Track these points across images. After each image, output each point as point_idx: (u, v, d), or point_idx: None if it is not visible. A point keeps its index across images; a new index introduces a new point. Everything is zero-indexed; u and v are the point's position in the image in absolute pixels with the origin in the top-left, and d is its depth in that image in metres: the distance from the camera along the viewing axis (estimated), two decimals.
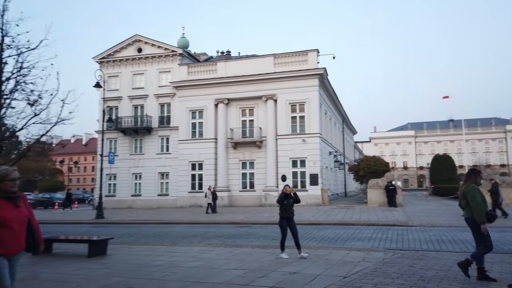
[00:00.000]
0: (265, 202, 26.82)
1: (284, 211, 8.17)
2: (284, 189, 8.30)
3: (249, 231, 13.86)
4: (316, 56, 26.78)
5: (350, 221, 16.07)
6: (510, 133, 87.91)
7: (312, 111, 26.73)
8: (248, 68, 28.04)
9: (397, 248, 9.35)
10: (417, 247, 9.63)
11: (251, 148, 28.13)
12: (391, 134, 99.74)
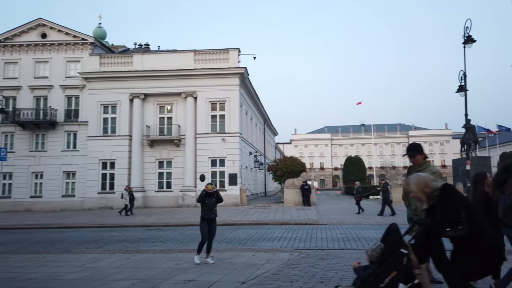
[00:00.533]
0: (182, 202, 25.84)
1: (205, 211, 7.53)
2: (205, 187, 7.67)
3: (157, 234, 12.96)
4: (237, 55, 26.57)
5: (265, 221, 16.02)
6: (412, 138, 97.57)
7: (233, 110, 26.47)
8: (167, 63, 26.81)
9: (304, 248, 9.32)
10: (323, 246, 9.72)
11: (169, 147, 26.93)
12: (309, 136, 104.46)
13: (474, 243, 3.21)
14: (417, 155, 4.30)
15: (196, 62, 26.77)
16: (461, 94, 16.59)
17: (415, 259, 3.34)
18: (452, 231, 3.23)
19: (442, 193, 3.36)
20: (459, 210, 3.22)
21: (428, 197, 3.44)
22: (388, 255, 3.41)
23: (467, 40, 15.57)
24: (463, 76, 16.27)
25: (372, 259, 3.58)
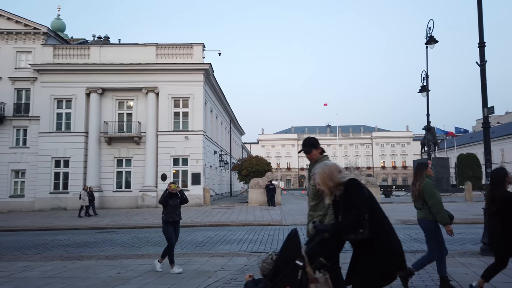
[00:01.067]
0: (142, 203, 24.66)
1: (168, 213, 6.73)
2: (168, 187, 6.83)
3: (108, 238, 11.99)
4: (201, 51, 25.72)
5: (227, 222, 15.37)
6: (375, 140, 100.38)
7: (196, 107, 25.59)
8: (127, 56, 25.51)
9: (264, 251, 8.78)
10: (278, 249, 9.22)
11: (128, 144, 25.64)
12: (277, 136, 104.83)
13: (374, 247, 2.87)
14: (312, 150, 3.84)
15: (158, 56, 25.66)
16: (423, 94, 16.74)
17: (311, 272, 2.77)
18: (353, 234, 2.88)
19: (346, 190, 2.94)
20: (363, 212, 2.83)
21: (331, 191, 3.01)
22: (281, 267, 2.84)
23: (429, 40, 15.68)
24: (425, 77, 16.39)
25: (264, 271, 2.95)
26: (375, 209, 2.94)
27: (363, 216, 2.82)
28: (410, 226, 13.31)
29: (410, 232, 11.74)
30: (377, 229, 2.88)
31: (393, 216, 16.26)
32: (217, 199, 32.35)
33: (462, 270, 5.97)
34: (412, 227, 13.17)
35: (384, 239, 2.88)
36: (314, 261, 2.80)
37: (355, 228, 2.82)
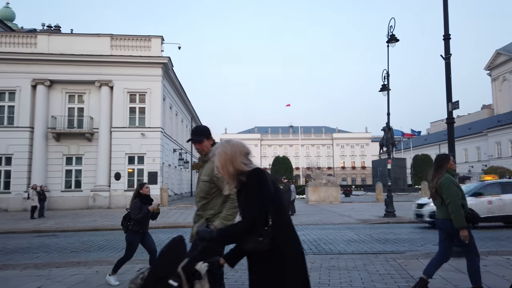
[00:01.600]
0: (93, 204, 23.08)
1: (140, 223, 5.57)
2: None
3: (46, 242, 10.74)
4: (160, 44, 24.51)
5: (182, 223, 14.48)
6: (336, 140, 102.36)
7: (154, 103, 24.34)
8: (79, 47, 23.79)
9: None
10: None
11: (79, 141, 23.93)
12: (240, 136, 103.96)
13: (273, 257, 2.12)
14: (204, 140, 3.18)
15: (113, 48, 24.15)
16: (384, 93, 16.69)
17: None
18: (253, 242, 2.08)
19: (246, 183, 2.19)
20: (264, 214, 2.10)
21: (232, 179, 2.24)
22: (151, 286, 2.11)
23: (390, 39, 15.62)
24: (386, 75, 16.34)
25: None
26: (281, 212, 2.20)
27: (263, 219, 2.09)
28: (370, 226, 13.11)
29: (371, 232, 11.46)
30: (282, 238, 2.14)
31: (354, 216, 16.10)
32: (176, 199, 31.13)
33: None
34: (372, 226, 12.97)
35: (289, 250, 2.16)
36: (194, 277, 2.05)
37: (250, 234, 2.07)
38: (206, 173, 3.14)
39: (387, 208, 15.49)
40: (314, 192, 24.72)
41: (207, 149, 3.17)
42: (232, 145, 2.30)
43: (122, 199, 23.26)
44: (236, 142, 2.35)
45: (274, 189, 2.22)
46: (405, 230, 11.65)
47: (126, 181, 23.71)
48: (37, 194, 18.16)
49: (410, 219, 14.32)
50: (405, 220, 14.19)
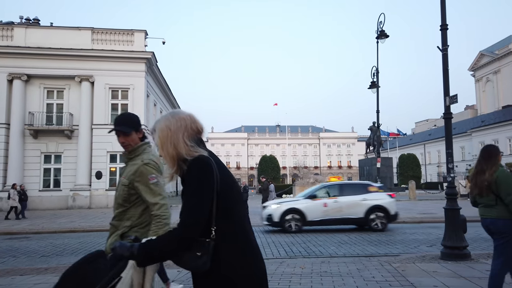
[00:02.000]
0: (73, 204, 22.18)
1: None
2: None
3: (16, 246, 9.97)
4: (143, 38, 23.72)
5: None
6: (322, 140, 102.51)
7: (137, 99, 23.54)
8: (58, 40, 22.83)
9: None
10: None
11: (58, 138, 22.97)
12: (227, 135, 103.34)
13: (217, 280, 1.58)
14: (132, 133, 2.55)
15: (94, 42, 23.26)
16: (373, 90, 16.37)
17: None
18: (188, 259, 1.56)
19: (187, 173, 1.63)
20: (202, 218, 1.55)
21: (173, 164, 1.68)
22: None
23: (380, 34, 15.26)
24: (376, 72, 16.01)
25: None
26: (232, 217, 1.63)
27: (201, 227, 1.54)
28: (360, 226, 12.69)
29: (361, 233, 11.04)
30: (230, 254, 1.58)
31: None
32: None
33: (430, 282, 5.10)
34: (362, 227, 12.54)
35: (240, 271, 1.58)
36: None
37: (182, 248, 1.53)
38: (127, 176, 2.53)
39: None
40: (301, 191, 24.25)
41: (135, 144, 2.59)
42: (178, 118, 1.72)
43: (104, 199, 22.43)
44: (184, 115, 1.76)
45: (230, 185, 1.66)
46: (396, 231, 11.27)
47: (107, 180, 22.86)
48: (18, 193, 17.28)
49: (400, 219, 13.98)
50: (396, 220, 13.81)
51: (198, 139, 1.73)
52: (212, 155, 1.71)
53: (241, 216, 1.67)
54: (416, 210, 17.83)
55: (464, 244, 6.56)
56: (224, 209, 1.60)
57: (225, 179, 1.65)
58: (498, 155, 3.84)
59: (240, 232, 1.63)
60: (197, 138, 1.73)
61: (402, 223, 13.49)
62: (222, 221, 1.58)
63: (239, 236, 1.62)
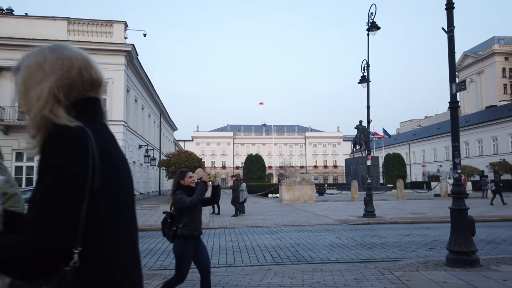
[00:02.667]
0: None
1: (191, 223, 3.89)
2: (205, 177, 4.05)
3: None
4: (123, 30, 22.53)
5: (141, 226, 12.76)
6: (308, 139, 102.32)
7: (116, 94, 22.34)
8: (32, 31, 21.44)
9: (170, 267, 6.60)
10: None
11: None
12: (212, 134, 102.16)
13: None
14: None
15: (70, 33, 21.96)
16: (363, 85, 15.68)
17: None
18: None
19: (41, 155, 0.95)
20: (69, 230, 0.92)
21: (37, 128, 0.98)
22: None
23: (371, 26, 14.61)
24: (366, 66, 15.31)
25: None
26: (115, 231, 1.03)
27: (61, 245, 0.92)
28: (351, 227, 11.97)
29: (352, 234, 10.29)
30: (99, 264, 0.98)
31: (331, 216, 14.98)
32: (141, 198, 29.20)
33: None
34: (353, 228, 11.82)
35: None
36: None
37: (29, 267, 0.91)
38: None
39: (367, 207, 14.45)
40: (288, 191, 23.55)
41: None
42: (60, 56, 1.07)
43: None
44: (74, 53, 1.11)
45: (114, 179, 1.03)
46: (390, 233, 10.55)
47: None
48: None
49: (391, 220, 13.35)
50: (386, 221, 13.17)
51: (85, 99, 1.08)
52: (98, 128, 1.03)
53: (125, 233, 1.05)
54: (406, 210, 17.25)
55: (473, 248, 5.84)
56: (99, 220, 0.98)
57: (110, 169, 1.01)
58: None
59: (120, 260, 1.02)
60: (84, 97, 1.07)
61: (394, 223, 12.84)
62: (94, 239, 0.97)
63: (118, 266, 1.01)
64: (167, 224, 3.86)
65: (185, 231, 3.84)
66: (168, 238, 3.90)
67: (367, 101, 15.18)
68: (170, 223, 3.84)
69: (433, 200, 24.19)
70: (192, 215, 3.91)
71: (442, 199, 24.92)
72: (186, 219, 3.86)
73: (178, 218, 3.87)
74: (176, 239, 3.84)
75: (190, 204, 3.83)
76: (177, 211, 3.89)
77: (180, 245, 3.84)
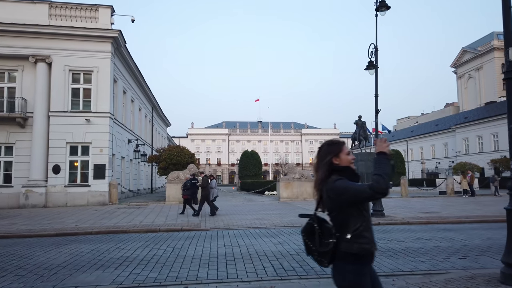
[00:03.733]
0: (26, 202, 19.30)
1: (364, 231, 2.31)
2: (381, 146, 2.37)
3: None
4: (109, 15, 20.92)
5: (125, 227, 11.34)
6: (304, 136, 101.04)
7: (102, 84, 20.76)
8: (9, 15, 19.82)
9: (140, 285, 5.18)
10: (191, 275, 5.68)
11: (9, 127, 20.03)
12: (207, 131, 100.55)
13: None
14: None
15: (52, 17, 20.34)
16: (371, 72, 14.29)
17: None
18: None
19: None
20: None
21: None
22: None
23: (380, 5, 13.22)
24: (374, 50, 13.91)
25: None
26: None
27: None
28: None
29: None
30: None
31: None
32: (131, 196, 27.70)
33: None
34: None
35: None
36: None
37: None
38: None
39: (374, 206, 13.07)
40: (287, 188, 22.15)
41: None
42: None
43: (62, 197, 19.69)
44: None
45: None
46: (408, 235, 9.17)
47: (67, 175, 20.07)
48: None
49: (403, 220, 12.00)
50: (398, 221, 11.81)
51: None
52: None
53: None
54: (415, 208, 15.91)
55: None
56: None
57: None
58: None
59: None
60: None
61: (407, 224, 11.50)
62: None
63: None
64: (315, 234, 2.35)
65: (356, 246, 2.25)
66: (318, 258, 2.36)
67: (375, 89, 13.81)
68: (320, 233, 2.33)
69: (439, 198, 22.91)
70: (365, 216, 2.32)
71: (448, 197, 23.66)
72: (356, 224, 2.28)
73: (338, 223, 2.32)
74: (339, 261, 2.29)
75: (377, 192, 2.18)
76: (337, 211, 2.32)
77: (350, 273, 2.25)
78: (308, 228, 2.37)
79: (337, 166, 2.39)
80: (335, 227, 2.30)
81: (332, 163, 2.40)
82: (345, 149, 2.44)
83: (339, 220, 2.31)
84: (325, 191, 2.34)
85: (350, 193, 2.24)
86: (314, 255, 2.36)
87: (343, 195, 2.25)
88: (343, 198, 2.26)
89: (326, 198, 2.34)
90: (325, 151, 2.46)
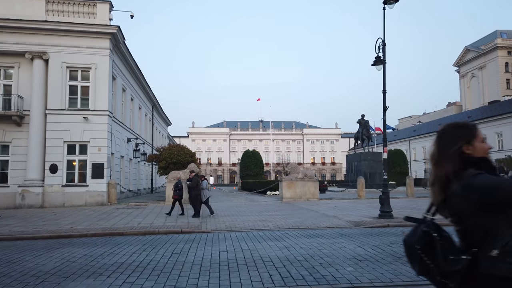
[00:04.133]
0: (22, 202, 18.80)
1: None
2: None
3: None
4: (108, 11, 20.39)
5: (122, 229, 10.84)
6: (306, 136, 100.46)
7: (100, 81, 20.24)
8: (6, 10, 19.28)
9: None
10: (190, 285, 5.16)
11: (5, 126, 19.52)
12: (208, 130, 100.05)
13: None
14: None
15: (49, 12, 19.82)
16: (378, 67, 13.75)
17: None
18: None
19: None
20: None
21: None
22: None
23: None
24: (382, 45, 13.37)
25: None
26: None
27: None
28: (369, 231, 10.05)
29: (377, 241, 8.34)
30: None
31: (341, 216, 13.04)
32: (130, 196, 27.19)
33: None
34: (372, 232, 9.90)
35: None
36: None
37: None
38: None
39: (382, 207, 12.54)
40: (289, 188, 21.61)
41: None
42: None
43: (59, 197, 19.18)
44: None
45: None
46: None
47: (64, 175, 19.57)
48: None
49: None
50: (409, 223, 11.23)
51: None
52: None
53: None
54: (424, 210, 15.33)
55: None
56: None
57: None
58: None
59: None
60: None
61: None
62: None
63: None
64: (435, 247, 1.72)
65: (505, 267, 1.61)
66: (439, 280, 1.72)
67: (383, 85, 13.27)
68: (442, 245, 1.71)
69: None
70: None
71: None
72: (505, 236, 1.64)
73: (478, 234, 1.69)
74: (477, 286, 1.66)
75: None
76: (477, 217, 1.68)
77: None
78: (425, 238, 1.77)
79: (469, 157, 1.81)
80: (469, 240, 1.71)
81: (462, 153, 1.82)
82: (480, 135, 1.85)
83: (479, 230, 1.69)
84: (457, 190, 1.74)
85: (504, 192, 1.62)
86: (433, 276, 1.75)
87: (491, 194, 1.65)
88: (491, 199, 1.65)
89: (457, 201, 1.73)
90: (451, 137, 1.87)
